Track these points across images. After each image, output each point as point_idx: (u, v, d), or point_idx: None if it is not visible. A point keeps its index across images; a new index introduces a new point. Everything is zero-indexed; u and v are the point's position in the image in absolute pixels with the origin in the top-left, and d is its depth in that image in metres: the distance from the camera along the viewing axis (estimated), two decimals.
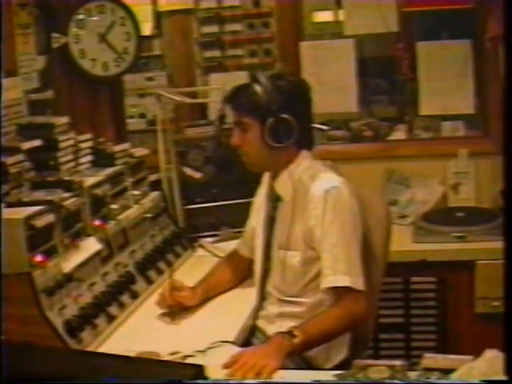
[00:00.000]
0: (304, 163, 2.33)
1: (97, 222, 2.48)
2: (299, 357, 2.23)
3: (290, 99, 2.27)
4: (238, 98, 2.32)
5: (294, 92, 2.32)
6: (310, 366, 2.26)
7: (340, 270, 2.21)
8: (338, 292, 2.22)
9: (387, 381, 1.71)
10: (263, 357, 1.99)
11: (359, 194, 2.41)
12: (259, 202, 2.52)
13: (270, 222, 2.41)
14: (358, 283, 2.21)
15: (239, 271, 2.62)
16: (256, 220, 2.52)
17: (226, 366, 1.99)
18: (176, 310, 2.42)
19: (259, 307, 2.45)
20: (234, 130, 2.35)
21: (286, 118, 2.24)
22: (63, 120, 2.75)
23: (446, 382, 1.67)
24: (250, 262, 2.59)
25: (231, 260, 2.66)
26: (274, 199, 2.40)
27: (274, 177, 2.39)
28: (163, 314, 2.41)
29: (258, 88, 2.26)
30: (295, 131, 2.27)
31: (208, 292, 2.52)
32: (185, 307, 2.43)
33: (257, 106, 2.26)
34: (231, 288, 2.61)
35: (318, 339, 2.18)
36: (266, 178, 2.49)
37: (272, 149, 2.28)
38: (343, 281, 2.20)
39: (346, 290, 2.20)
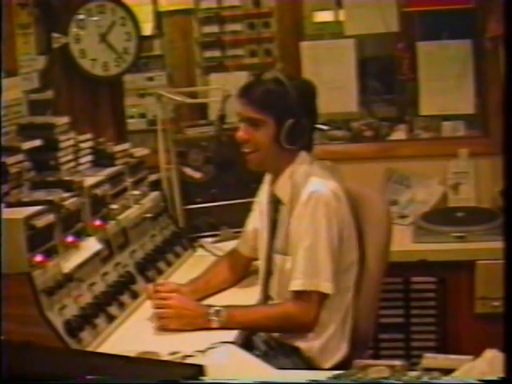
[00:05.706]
0: (302, 165, 2.31)
1: (97, 222, 2.48)
2: (298, 357, 2.24)
3: (305, 101, 2.27)
4: (255, 92, 2.28)
5: (309, 94, 2.31)
6: (308, 365, 2.25)
7: (304, 272, 2.20)
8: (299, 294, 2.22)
9: (387, 381, 1.70)
10: (181, 310, 2.20)
11: (359, 193, 2.41)
12: (261, 203, 2.50)
13: (273, 225, 2.39)
14: (326, 287, 2.20)
15: (237, 270, 2.61)
16: (258, 221, 2.50)
17: (149, 294, 2.29)
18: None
19: None
20: (242, 124, 2.31)
21: (304, 121, 2.24)
22: (63, 120, 2.76)
23: (446, 381, 1.67)
24: (249, 261, 2.59)
25: (230, 258, 2.65)
26: (275, 201, 2.39)
27: (273, 178, 2.38)
28: None
29: (279, 87, 2.24)
30: (308, 135, 2.27)
31: (204, 290, 2.49)
32: None
33: (277, 105, 2.24)
34: (229, 286, 2.59)
35: (241, 327, 2.23)
36: (267, 177, 2.47)
37: (280, 149, 2.27)
38: (302, 285, 2.20)
39: (304, 293, 2.20)
